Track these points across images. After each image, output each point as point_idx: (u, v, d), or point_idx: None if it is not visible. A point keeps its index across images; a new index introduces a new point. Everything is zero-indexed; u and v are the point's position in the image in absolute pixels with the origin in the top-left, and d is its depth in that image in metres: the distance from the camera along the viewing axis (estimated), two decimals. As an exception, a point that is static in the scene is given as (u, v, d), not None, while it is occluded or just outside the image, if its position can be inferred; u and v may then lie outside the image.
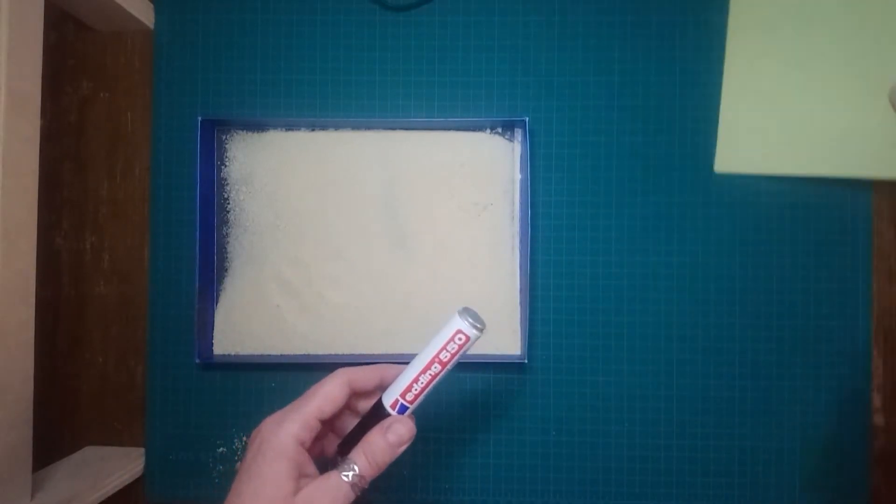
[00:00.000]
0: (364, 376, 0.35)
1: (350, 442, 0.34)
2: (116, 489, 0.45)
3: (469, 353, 0.47)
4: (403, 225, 0.48)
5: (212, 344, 0.48)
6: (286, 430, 0.32)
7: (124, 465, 0.47)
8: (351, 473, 0.32)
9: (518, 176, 0.48)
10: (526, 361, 0.46)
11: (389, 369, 0.36)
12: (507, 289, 0.47)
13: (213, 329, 0.48)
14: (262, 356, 0.48)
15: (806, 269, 0.47)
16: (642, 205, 0.48)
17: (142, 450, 0.49)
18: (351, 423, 0.36)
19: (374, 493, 0.48)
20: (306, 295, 0.48)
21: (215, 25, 0.49)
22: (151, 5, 0.49)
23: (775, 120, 0.46)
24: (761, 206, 0.47)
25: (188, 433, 0.48)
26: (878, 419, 0.47)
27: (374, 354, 0.47)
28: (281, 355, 0.47)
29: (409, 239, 0.48)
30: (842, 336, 0.47)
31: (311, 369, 0.47)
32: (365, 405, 0.36)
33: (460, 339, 0.33)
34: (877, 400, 0.47)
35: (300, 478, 0.31)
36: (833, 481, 0.46)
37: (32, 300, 0.40)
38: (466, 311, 0.34)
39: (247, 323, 0.48)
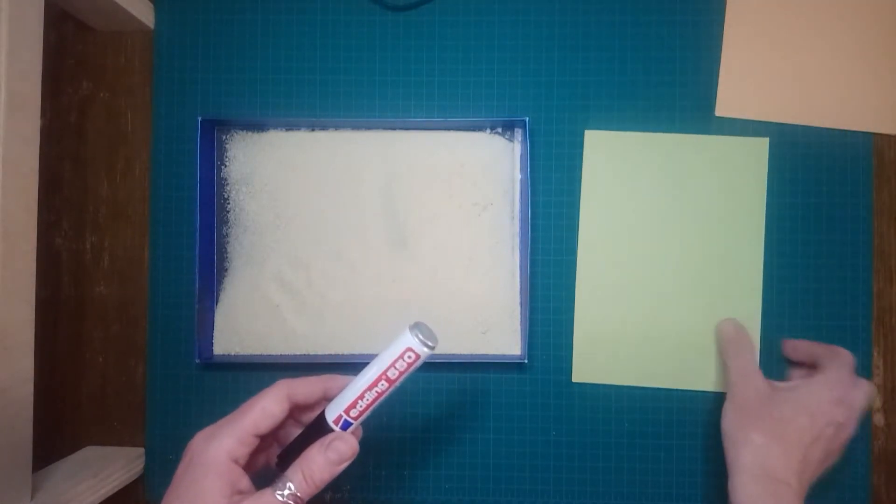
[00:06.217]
0: (306, 388, 0.34)
1: (290, 454, 0.33)
2: (116, 489, 0.45)
3: (469, 353, 0.47)
4: (403, 225, 0.48)
5: (212, 344, 0.48)
6: (218, 446, 0.30)
7: (124, 465, 0.47)
8: (286, 492, 0.30)
9: (518, 176, 0.48)
10: (526, 361, 0.46)
11: (334, 381, 0.34)
12: (507, 289, 0.47)
13: (213, 329, 0.48)
14: (262, 356, 0.48)
15: (806, 269, 0.47)
16: (642, 205, 0.48)
17: (142, 450, 0.49)
18: (294, 433, 0.34)
19: (372, 493, 0.48)
20: (306, 295, 0.48)
21: (215, 25, 0.49)
22: (151, 5, 0.49)
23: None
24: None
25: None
26: (878, 419, 0.47)
27: (373, 354, 0.46)
28: (281, 355, 0.47)
29: (409, 239, 0.48)
30: (842, 336, 0.46)
31: (311, 369, 0.46)
32: (309, 416, 0.35)
33: (409, 357, 0.31)
34: (877, 400, 0.47)
35: (233, 494, 0.30)
36: (833, 481, 0.46)
37: (32, 300, 0.40)
38: (418, 327, 0.32)
39: (247, 323, 0.48)
